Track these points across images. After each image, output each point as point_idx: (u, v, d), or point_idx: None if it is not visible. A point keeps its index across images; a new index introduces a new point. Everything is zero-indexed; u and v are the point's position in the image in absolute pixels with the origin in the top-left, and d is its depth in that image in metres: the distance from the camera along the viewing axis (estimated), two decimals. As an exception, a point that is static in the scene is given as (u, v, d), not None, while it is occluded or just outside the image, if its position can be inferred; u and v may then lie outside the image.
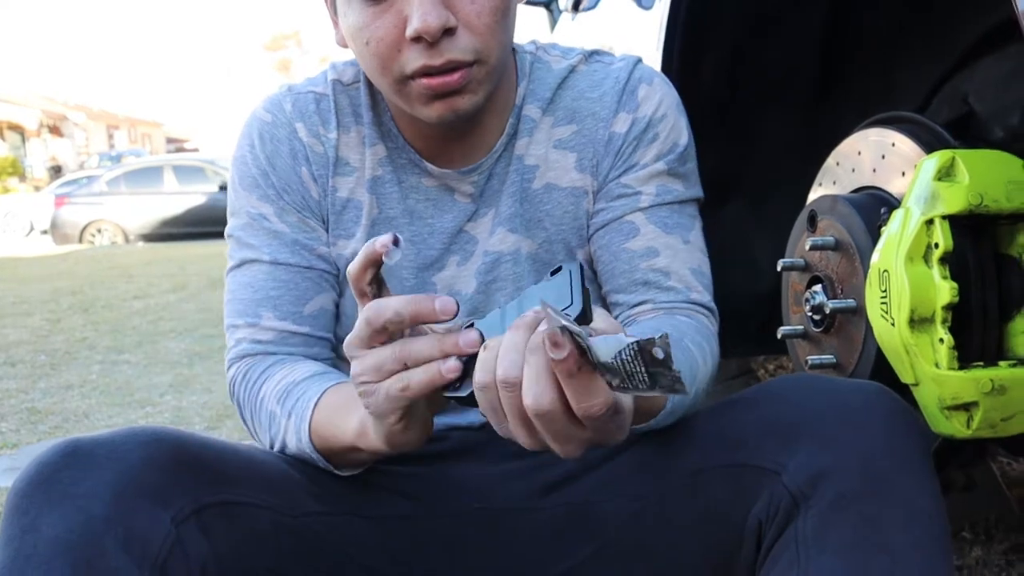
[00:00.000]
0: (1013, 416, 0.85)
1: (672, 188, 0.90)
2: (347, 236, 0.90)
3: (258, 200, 0.90)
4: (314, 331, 0.90)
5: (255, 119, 0.91)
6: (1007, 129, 1.20)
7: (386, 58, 0.79)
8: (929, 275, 0.85)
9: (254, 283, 0.90)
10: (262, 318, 0.89)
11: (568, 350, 0.54)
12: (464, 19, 0.78)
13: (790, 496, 0.70)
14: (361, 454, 0.76)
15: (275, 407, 0.83)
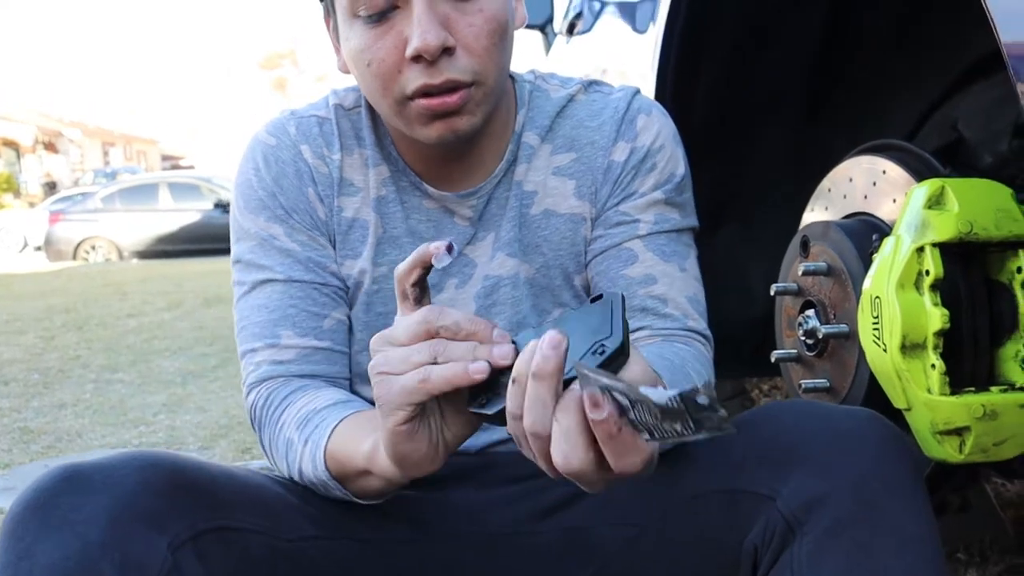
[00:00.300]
0: (1005, 441, 0.86)
1: (669, 217, 0.92)
2: (354, 256, 0.91)
3: (267, 221, 0.90)
4: (335, 345, 0.90)
5: (258, 143, 0.92)
6: (995, 156, 1.21)
7: (387, 79, 0.80)
8: (920, 302, 0.86)
9: (269, 304, 0.89)
10: (281, 338, 0.88)
11: (608, 411, 0.54)
12: (462, 40, 0.79)
13: (785, 522, 0.70)
14: (373, 479, 0.75)
15: (294, 434, 0.82)
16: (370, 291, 0.91)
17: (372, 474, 0.74)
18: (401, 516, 0.87)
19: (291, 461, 0.82)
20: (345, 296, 0.92)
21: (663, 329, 0.90)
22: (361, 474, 0.76)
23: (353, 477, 0.77)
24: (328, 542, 0.82)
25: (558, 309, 0.93)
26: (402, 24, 0.79)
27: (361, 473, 0.76)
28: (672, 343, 0.89)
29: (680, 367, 0.83)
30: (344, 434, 0.78)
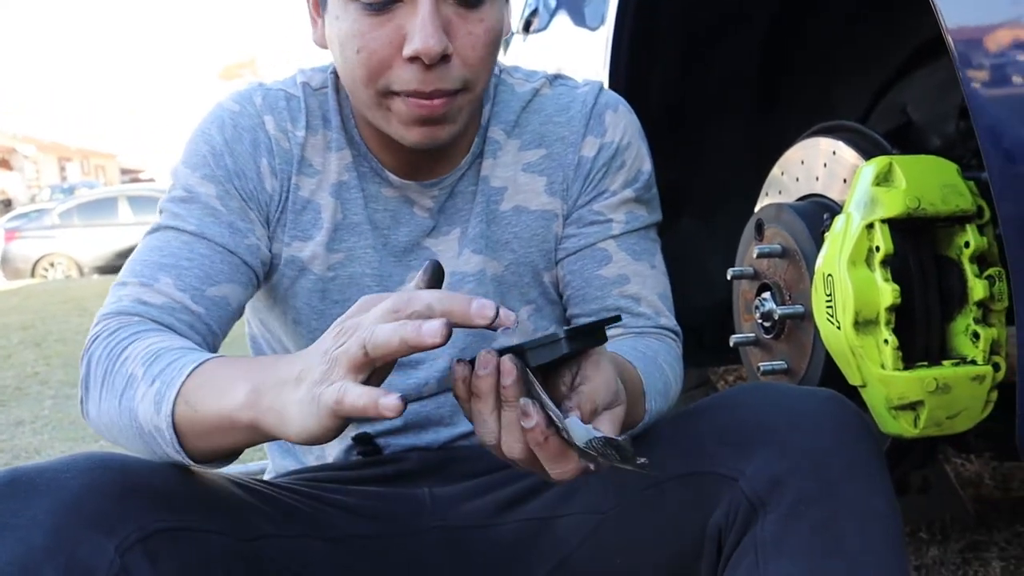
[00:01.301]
0: (958, 414, 0.87)
1: (639, 214, 0.92)
2: (304, 238, 0.88)
3: (201, 178, 0.85)
4: (208, 316, 0.82)
5: (221, 108, 0.89)
6: (943, 137, 1.23)
7: (375, 71, 0.78)
8: (871, 278, 0.87)
9: (165, 249, 0.83)
10: (159, 281, 0.82)
11: (535, 421, 0.59)
12: (459, 49, 0.78)
13: (748, 502, 0.71)
14: (235, 435, 0.67)
15: (137, 369, 0.73)
16: (324, 278, 0.89)
17: (238, 428, 0.66)
18: (364, 512, 0.86)
19: (126, 400, 0.72)
20: (253, 280, 0.86)
21: (636, 327, 0.91)
22: (220, 427, 0.67)
23: (208, 430, 0.68)
24: (287, 541, 0.81)
25: (526, 307, 0.93)
26: (403, 19, 0.77)
27: (221, 426, 0.67)
28: (644, 338, 0.90)
29: (652, 359, 0.84)
30: (208, 375, 0.69)
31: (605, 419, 0.64)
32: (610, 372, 0.64)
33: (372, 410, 0.57)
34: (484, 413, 0.62)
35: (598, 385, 0.63)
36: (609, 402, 0.64)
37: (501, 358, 0.61)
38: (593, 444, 0.58)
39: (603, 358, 0.65)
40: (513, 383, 0.60)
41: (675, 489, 0.77)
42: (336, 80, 0.90)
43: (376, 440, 0.93)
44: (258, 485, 0.84)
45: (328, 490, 0.88)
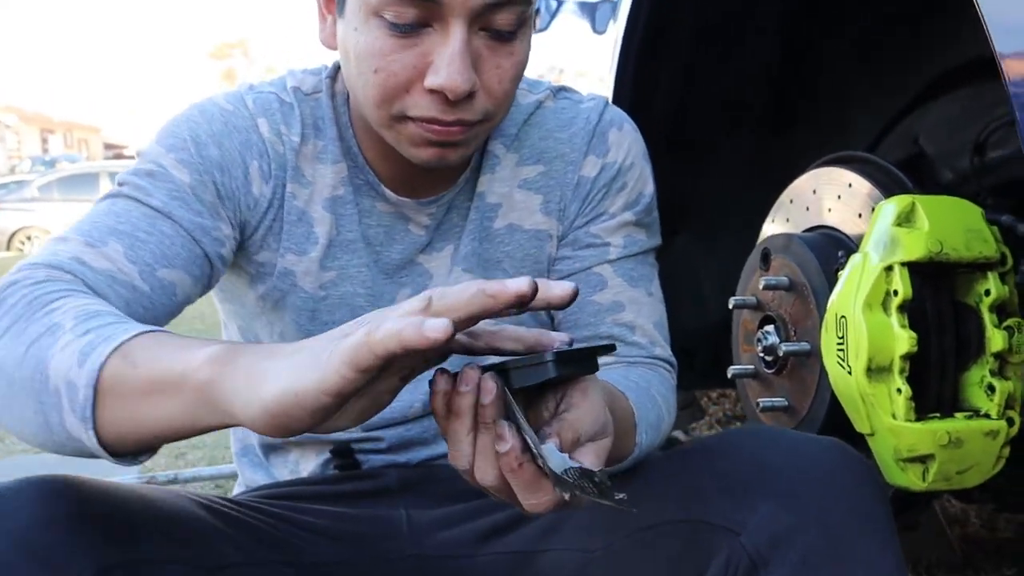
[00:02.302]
0: (968, 469, 0.84)
1: (637, 239, 0.88)
2: (298, 251, 0.83)
3: (176, 161, 0.78)
4: (152, 299, 0.73)
5: (211, 102, 0.83)
6: (956, 171, 1.20)
7: (391, 94, 0.73)
8: (888, 323, 0.83)
9: (123, 216, 0.75)
10: (107, 245, 0.73)
11: (510, 446, 0.54)
12: (485, 83, 0.74)
13: (749, 559, 0.67)
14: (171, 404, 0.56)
15: (66, 320, 0.62)
16: (316, 297, 0.84)
17: (183, 393, 0.55)
18: (337, 535, 0.82)
19: (36, 348, 0.61)
20: (205, 278, 0.78)
21: (629, 356, 0.87)
22: (160, 390, 0.56)
23: (140, 394, 0.57)
24: (253, 569, 0.76)
25: None
26: (429, 46, 0.72)
27: (163, 388, 0.56)
28: (638, 368, 0.86)
29: (646, 390, 0.81)
30: (162, 340, 0.59)
31: (589, 451, 0.59)
32: (598, 402, 0.60)
33: (413, 335, 0.47)
34: (460, 433, 0.57)
35: (583, 414, 0.59)
36: (594, 433, 0.60)
37: (483, 375, 0.56)
38: (569, 474, 0.54)
39: (592, 386, 0.60)
40: (492, 402, 0.55)
41: (669, 535, 0.73)
42: (332, 85, 0.85)
43: (355, 455, 0.89)
44: (225, 506, 0.80)
45: (300, 511, 0.84)
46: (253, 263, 0.84)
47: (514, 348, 0.58)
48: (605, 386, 0.71)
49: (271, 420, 0.52)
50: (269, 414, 0.51)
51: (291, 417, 0.51)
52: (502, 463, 0.55)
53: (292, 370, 0.51)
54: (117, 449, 0.60)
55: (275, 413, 0.51)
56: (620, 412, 0.72)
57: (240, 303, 0.88)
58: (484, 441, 0.56)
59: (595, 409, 0.60)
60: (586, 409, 0.59)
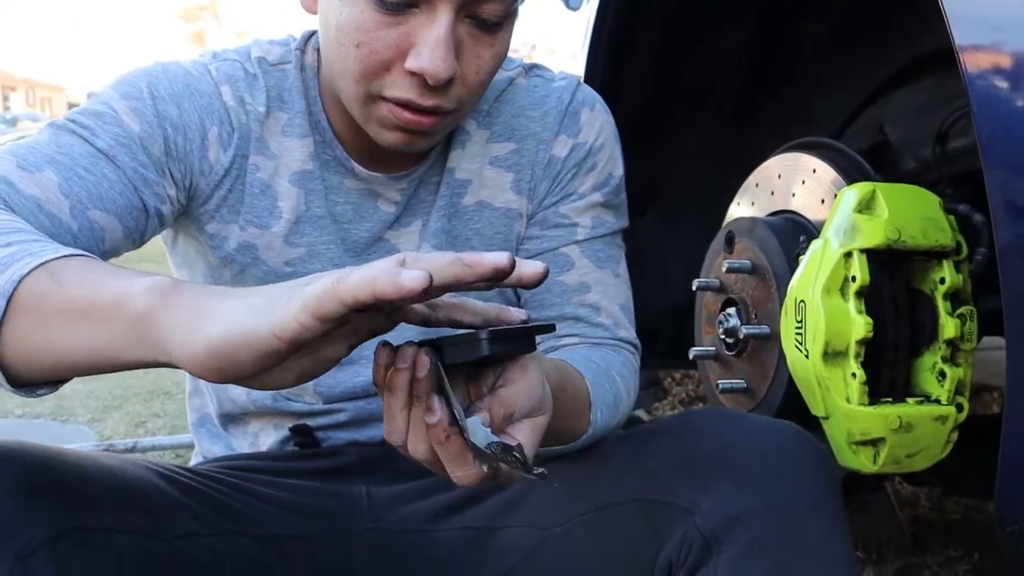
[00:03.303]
0: (918, 453, 0.86)
1: (606, 220, 0.88)
2: (260, 225, 0.82)
3: (128, 109, 0.75)
4: (78, 236, 0.70)
5: (177, 65, 0.80)
6: (919, 160, 1.22)
7: (370, 71, 0.72)
8: (845, 309, 0.84)
9: (65, 148, 0.72)
10: (42, 172, 0.69)
11: (438, 418, 0.55)
12: (464, 71, 0.73)
13: (703, 538, 0.68)
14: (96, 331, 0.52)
15: None
16: (281, 273, 0.83)
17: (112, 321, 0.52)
18: (297, 508, 0.82)
19: None
20: (136, 234, 0.75)
21: (593, 337, 0.87)
22: (86, 314, 0.53)
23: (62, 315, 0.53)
24: (213, 539, 0.76)
25: None
26: (415, 27, 0.70)
27: (90, 312, 0.52)
28: (600, 349, 0.86)
29: (604, 370, 0.81)
30: (98, 264, 0.56)
31: (525, 426, 0.60)
32: (535, 379, 0.60)
33: (387, 284, 0.45)
34: (395, 408, 0.57)
35: (519, 391, 0.59)
36: (530, 409, 0.60)
37: (419, 351, 0.56)
38: (491, 448, 0.56)
39: (532, 364, 0.61)
40: (425, 377, 0.55)
41: (627, 515, 0.74)
42: (301, 57, 0.83)
43: (315, 432, 0.88)
44: (182, 475, 0.79)
45: (260, 482, 0.83)
46: (204, 233, 0.82)
47: (472, 321, 0.58)
48: (559, 364, 0.72)
49: (211, 360, 0.49)
50: (211, 353, 0.48)
51: (233, 360, 0.48)
52: (430, 435, 0.56)
53: (245, 310, 0.49)
54: (19, 374, 0.56)
55: (218, 353, 0.48)
56: (573, 390, 0.73)
57: (196, 272, 0.86)
58: (416, 414, 0.57)
59: (531, 386, 0.60)
60: (522, 386, 0.59)
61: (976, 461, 0.90)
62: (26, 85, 38.83)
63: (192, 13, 45.44)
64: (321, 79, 0.83)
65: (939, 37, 1.19)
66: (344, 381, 0.85)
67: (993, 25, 0.71)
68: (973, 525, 1.63)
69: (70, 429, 2.41)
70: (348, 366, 0.85)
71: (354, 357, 0.84)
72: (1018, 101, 0.69)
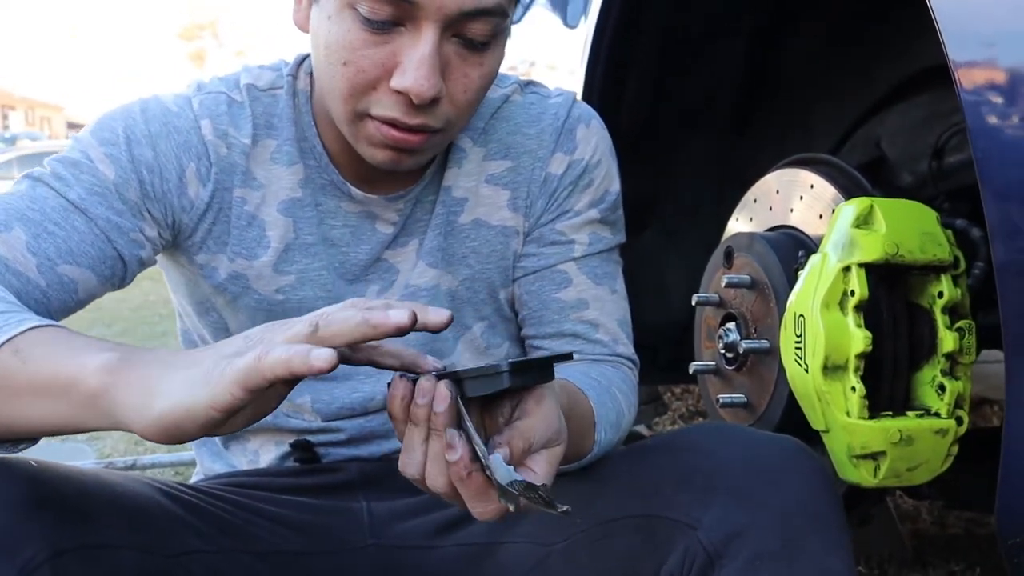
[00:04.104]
0: (918, 466, 0.86)
1: (603, 236, 0.89)
2: (248, 256, 0.82)
3: (105, 155, 0.77)
4: (47, 292, 0.73)
5: (158, 102, 0.81)
6: (915, 175, 1.23)
7: (356, 88, 0.73)
8: (844, 323, 0.85)
9: (37, 203, 0.74)
10: (11, 231, 0.72)
11: (460, 455, 0.56)
12: (451, 90, 0.73)
13: (705, 553, 0.68)
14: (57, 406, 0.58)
15: None
16: (272, 300, 0.83)
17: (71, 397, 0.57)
18: (297, 525, 0.82)
19: None
20: (116, 278, 0.78)
21: (592, 354, 0.87)
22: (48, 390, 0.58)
23: (27, 391, 0.58)
24: (214, 557, 0.76)
25: (479, 323, 0.89)
26: (399, 45, 0.71)
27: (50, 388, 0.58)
28: (599, 366, 0.87)
29: (606, 388, 0.81)
30: (57, 337, 0.60)
31: (542, 458, 0.60)
32: (552, 409, 0.61)
33: (301, 364, 0.51)
34: (415, 440, 0.59)
35: (536, 422, 0.60)
36: (547, 440, 0.61)
37: (438, 384, 0.57)
38: (514, 486, 0.56)
39: (547, 393, 0.61)
40: (445, 411, 0.57)
41: (628, 530, 0.74)
42: (294, 83, 0.83)
43: (315, 448, 0.88)
44: (184, 492, 0.79)
45: (261, 499, 0.83)
46: (195, 263, 0.83)
47: (391, 364, 0.61)
48: (565, 386, 0.73)
49: (162, 431, 0.55)
50: (159, 426, 0.55)
51: (181, 429, 0.55)
52: (451, 472, 0.57)
53: (184, 385, 0.55)
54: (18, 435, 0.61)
55: (166, 425, 0.55)
56: (579, 411, 0.73)
57: (190, 299, 0.87)
58: (435, 448, 0.58)
59: (548, 417, 0.61)
60: (539, 417, 0.60)
61: (977, 474, 0.90)
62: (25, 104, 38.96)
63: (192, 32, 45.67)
64: (315, 103, 0.83)
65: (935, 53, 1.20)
66: (340, 397, 0.85)
67: (987, 41, 0.72)
68: (975, 539, 1.62)
69: (69, 447, 2.41)
70: (345, 381, 0.85)
71: (350, 372, 0.84)
72: (1013, 117, 0.70)
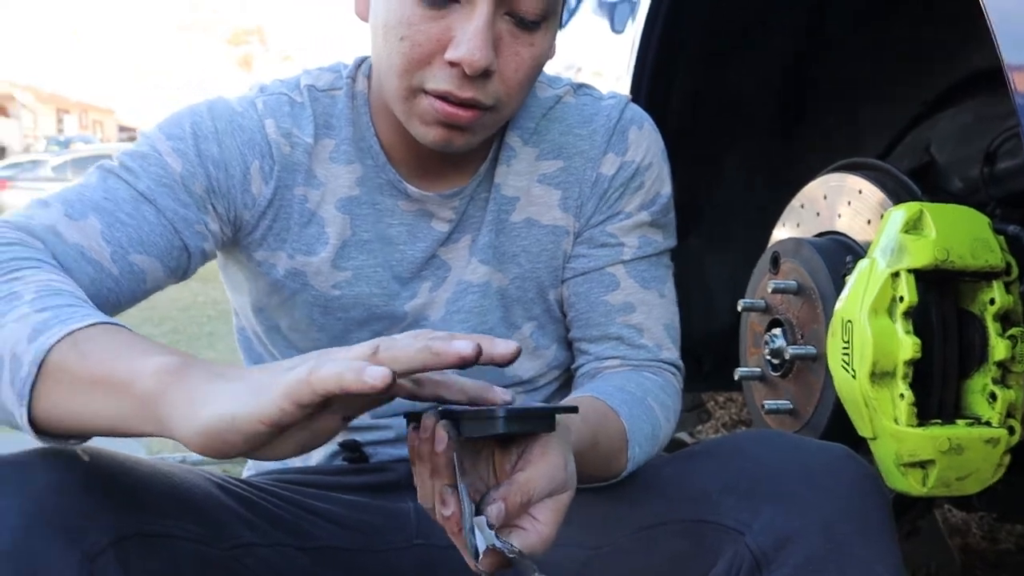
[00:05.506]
0: (968, 476, 0.85)
1: (653, 239, 0.89)
2: (308, 252, 0.84)
3: (172, 149, 0.79)
4: (119, 281, 0.75)
5: (223, 102, 0.84)
6: (966, 181, 1.21)
7: (412, 63, 0.75)
8: (893, 329, 0.84)
9: (110, 193, 0.76)
10: (87, 219, 0.74)
11: (451, 512, 0.59)
12: (502, 66, 0.75)
13: (753, 558, 0.68)
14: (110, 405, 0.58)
15: (26, 292, 0.63)
16: (329, 296, 0.85)
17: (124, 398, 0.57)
18: (347, 523, 0.83)
19: None
20: (180, 269, 0.80)
21: (635, 359, 0.87)
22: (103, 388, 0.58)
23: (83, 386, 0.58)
24: (267, 549, 0.77)
25: (529, 323, 0.89)
26: (455, 21, 0.73)
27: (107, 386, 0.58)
28: (640, 372, 0.87)
29: (640, 399, 0.81)
30: (119, 336, 0.61)
31: (546, 507, 0.61)
32: (558, 460, 0.62)
33: (353, 379, 0.50)
34: (423, 475, 0.61)
35: (538, 474, 0.61)
36: (551, 491, 0.61)
37: (436, 424, 0.59)
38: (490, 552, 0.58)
39: (554, 442, 0.62)
40: (443, 452, 0.59)
41: (675, 534, 0.74)
42: (352, 85, 0.85)
43: (364, 448, 0.90)
44: (238, 486, 0.81)
45: (311, 496, 0.85)
46: (253, 260, 0.85)
47: (458, 398, 0.61)
48: (596, 406, 0.75)
49: (205, 440, 0.54)
50: (203, 436, 0.54)
51: (224, 441, 0.54)
52: (444, 525, 0.60)
53: (232, 395, 0.54)
54: (45, 429, 0.61)
55: (210, 435, 0.54)
56: (609, 432, 0.75)
57: (247, 295, 0.89)
58: (438, 486, 0.60)
59: (553, 468, 0.61)
60: (543, 468, 0.61)
61: (1029, 486, 0.89)
62: (79, 108, 39.96)
63: (240, 37, 46.52)
64: (372, 102, 0.85)
65: (986, 56, 1.18)
66: None
67: (1043, 46, 0.71)
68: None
69: (119, 442, 2.46)
70: None
71: None
72: (1069, 122, 0.69)
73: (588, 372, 0.88)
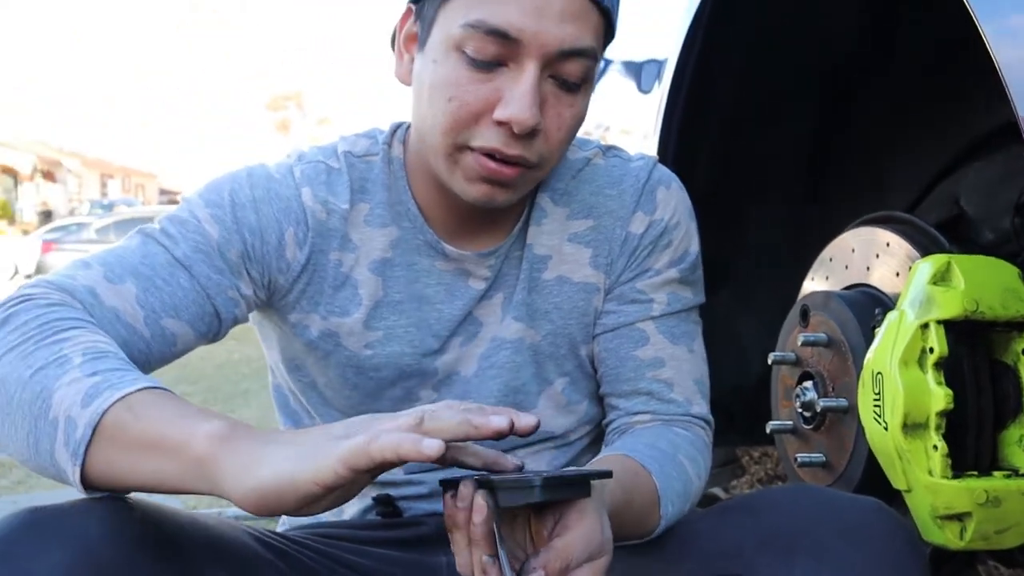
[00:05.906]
0: (1008, 529, 0.83)
1: (682, 296, 0.90)
2: (341, 314, 0.86)
3: (211, 216, 0.82)
4: (150, 344, 0.78)
5: (263, 169, 0.87)
6: (997, 232, 1.21)
7: (461, 123, 0.78)
8: (924, 380, 0.84)
9: (148, 258, 0.79)
10: (124, 283, 0.77)
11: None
12: (546, 126, 0.78)
13: None
14: (163, 466, 0.62)
15: (75, 355, 0.67)
16: (361, 356, 0.87)
17: (177, 460, 0.62)
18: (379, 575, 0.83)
19: (42, 377, 0.65)
20: (212, 333, 0.83)
21: (665, 414, 0.88)
22: (156, 450, 0.62)
23: (137, 448, 0.63)
24: (300, 602, 0.78)
25: (561, 378, 0.91)
26: (502, 82, 0.76)
27: (160, 448, 0.62)
28: (671, 427, 0.87)
29: (671, 456, 0.82)
30: (170, 400, 0.65)
31: (585, 572, 0.63)
32: (594, 523, 0.63)
33: (411, 449, 0.56)
34: (461, 544, 0.63)
35: (575, 539, 0.62)
36: (588, 556, 0.63)
37: (475, 494, 0.61)
38: None
39: (590, 507, 0.64)
40: (483, 522, 0.61)
41: None
42: (388, 151, 0.88)
43: (397, 502, 0.91)
44: (273, 539, 0.82)
45: (344, 549, 0.86)
46: (287, 322, 0.87)
47: (473, 463, 0.65)
48: (627, 465, 0.76)
49: (260, 500, 0.59)
50: (258, 494, 0.59)
51: (280, 499, 0.59)
52: None
53: (291, 459, 0.59)
54: (94, 487, 0.66)
55: (265, 495, 0.59)
56: (641, 491, 0.76)
57: (282, 355, 0.91)
58: (477, 556, 0.62)
59: (589, 533, 0.63)
60: (580, 533, 0.62)
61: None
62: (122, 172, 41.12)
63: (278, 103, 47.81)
64: (409, 165, 0.87)
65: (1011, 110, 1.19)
66: None
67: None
68: (1077, 613, 1.53)
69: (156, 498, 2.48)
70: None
71: None
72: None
73: (619, 428, 0.89)
